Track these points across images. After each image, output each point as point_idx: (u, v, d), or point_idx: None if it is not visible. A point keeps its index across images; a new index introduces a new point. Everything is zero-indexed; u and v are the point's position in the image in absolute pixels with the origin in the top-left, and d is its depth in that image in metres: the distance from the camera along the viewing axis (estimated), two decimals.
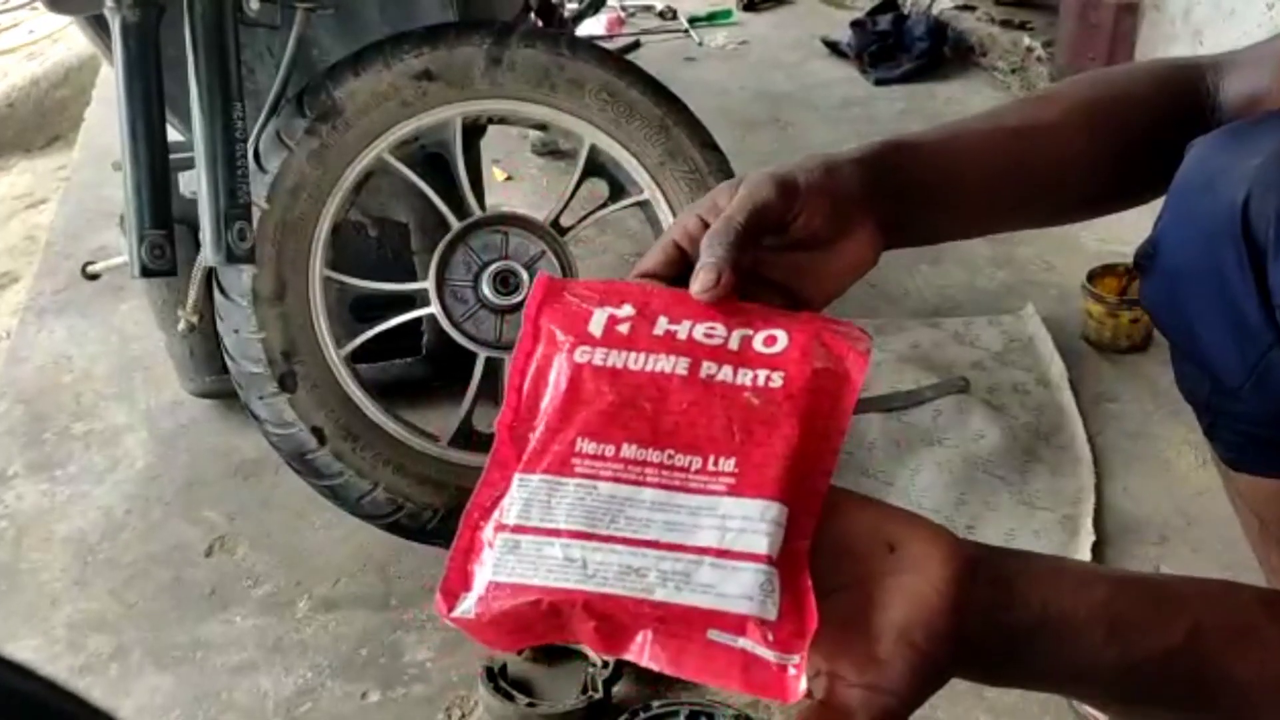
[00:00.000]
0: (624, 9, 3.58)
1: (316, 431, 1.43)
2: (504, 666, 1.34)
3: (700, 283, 0.61)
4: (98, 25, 1.49)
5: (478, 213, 1.52)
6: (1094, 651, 0.57)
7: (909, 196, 0.71)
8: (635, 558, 0.52)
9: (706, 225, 0.64)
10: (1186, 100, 0.82)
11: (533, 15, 2.40)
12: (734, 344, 0.59)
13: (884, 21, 3.16)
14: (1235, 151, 0.76)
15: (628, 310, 0.60)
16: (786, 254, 0.67)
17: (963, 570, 0.55)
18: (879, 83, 3.01)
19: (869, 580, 0.55)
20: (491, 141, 1.76)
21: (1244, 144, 0.75)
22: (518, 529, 0.54)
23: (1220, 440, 0.93)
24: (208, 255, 1.27)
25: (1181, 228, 0.80)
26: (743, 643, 0.51)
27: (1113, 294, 1.89)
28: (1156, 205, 0.87)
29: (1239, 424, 0.88)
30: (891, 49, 3.09)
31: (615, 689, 1.32)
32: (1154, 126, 0.81)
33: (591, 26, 3.30)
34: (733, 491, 0.53)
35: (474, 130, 1.60)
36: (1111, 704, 0.60)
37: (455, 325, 1.49)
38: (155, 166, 1.21)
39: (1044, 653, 0.56)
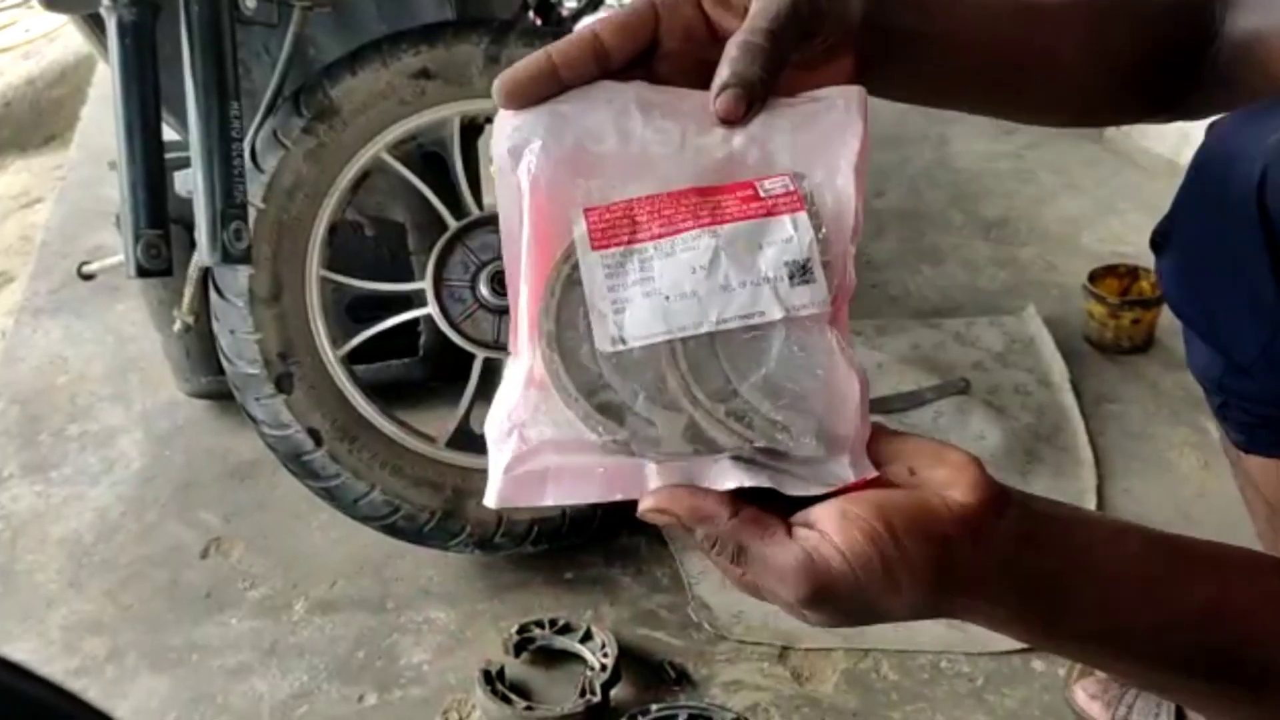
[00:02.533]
0: (623, 6, 3.56)
1: (313, 433, 1.42)
2: (501, 669, 1.33)
3: (723, 106, 0.56)
4: (94, 24, 1.48)
5: (476, 212, 1.51)
6: (1128, 610, 0.54)
7: (899, 42, 0.65)
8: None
9: (699, 6, 0.60)
10: (1189, 26, 0.78)
11: (531, 13, 2.39)
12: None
13: None
14: (1254, 128, 0.75)
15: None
16: None
17: (988, 503, 0.51)
18: None
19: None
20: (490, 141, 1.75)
21: (1263, 121, 0.74)
22: None
23: (1231, 421, 0.92)
24: (204, 255, 1.26)
25: (1199, 204, 0.79)
26: None
27: (1114, 295, 1.88)
28: (1160, 207, 0.87)
29: (1251, 404, 0.87)
30: None
31: (613, 692, 1.31)
32: (1153, 43, 0.77)
33: None
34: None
35: (472, 129, 1.59)
36: (1136, 671, 0.57)
37: (453, 326, 1.49)
38: (151, 166, 1.20)
39: (1071, 603, 0.53)
